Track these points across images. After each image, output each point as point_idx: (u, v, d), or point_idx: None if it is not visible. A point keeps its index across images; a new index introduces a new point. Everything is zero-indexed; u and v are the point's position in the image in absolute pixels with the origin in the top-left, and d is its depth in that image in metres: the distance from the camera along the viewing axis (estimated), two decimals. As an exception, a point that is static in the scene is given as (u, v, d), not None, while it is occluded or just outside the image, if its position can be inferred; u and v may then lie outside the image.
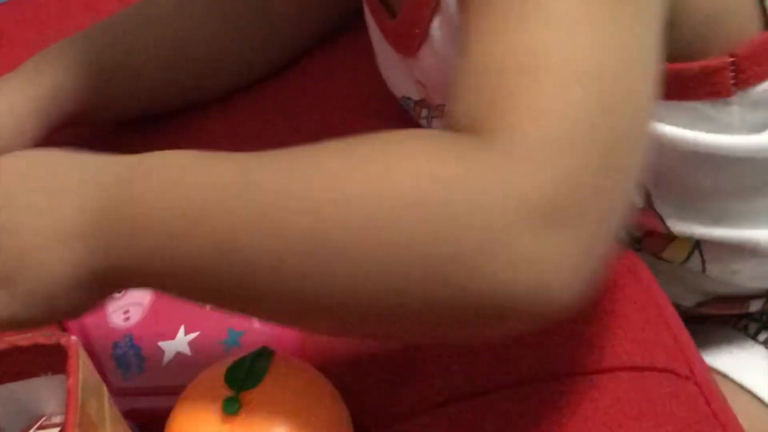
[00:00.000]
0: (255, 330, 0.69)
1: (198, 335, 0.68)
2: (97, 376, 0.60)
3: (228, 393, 0.60)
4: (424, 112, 0.81)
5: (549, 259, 0.49)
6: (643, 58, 0.55)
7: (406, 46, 0.75)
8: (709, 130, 0.69)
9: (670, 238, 0.76)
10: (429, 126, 0.81)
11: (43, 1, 1.12)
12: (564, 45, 0.53)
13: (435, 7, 0.70)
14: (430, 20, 0.71)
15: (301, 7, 0.90)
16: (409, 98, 0.82)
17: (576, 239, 0.49)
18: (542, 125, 0.50)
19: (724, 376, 0.82)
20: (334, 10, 0.90)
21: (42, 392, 0.59)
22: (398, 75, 0.81)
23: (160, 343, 0.69)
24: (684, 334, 0.66)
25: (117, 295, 0.71)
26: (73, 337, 0.58)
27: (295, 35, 0.91)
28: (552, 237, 0.49)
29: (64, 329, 0.71)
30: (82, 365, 0.57)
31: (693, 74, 0.67)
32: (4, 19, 1.10)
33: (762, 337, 0.85)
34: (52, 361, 0.58)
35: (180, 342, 0.68)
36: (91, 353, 0.69)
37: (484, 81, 0.53)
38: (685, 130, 0.68)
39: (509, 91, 0.52)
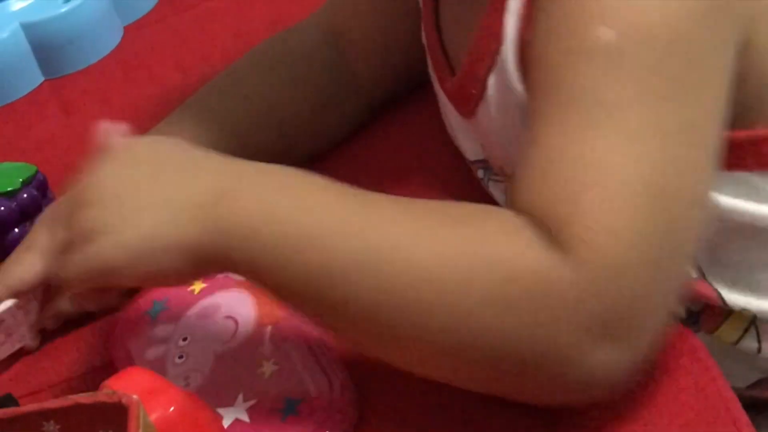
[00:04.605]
0: (311, 399, 0.69)
1: (256, 402, 0.69)
2: (156, 436, 0.61)
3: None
4: (481, 173, 0.81)
5: (605, 366, 0.58)
6: (708, 155, 0.60)
7: (464, 104, 0.75)
8: (759, 201, 0.69)
9: (727, 312, 0.76)
10: (487, 188, 0.81)
11: (107, 73, 1.14)
12: (635, 158, 0.57)
13: (491, 65, 0.69)
14: (486, 79, 0.70)
15: (382, 66, 0.90)
16: (473, 160, 0.81)
17: (631, 347, 0.58)
18: (615, 247, 0.56)
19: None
20: (414, 68, 0.87)
21: (103, 450, 0.60)
22: (460, 133, 0.81)
23: (219, 409, 0.69)
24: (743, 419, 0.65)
25: (178, 361, 0.73)
26: (135, 396, 0.59)
27: (375, 95, 0.92)
28: (614, 348, 0.57)
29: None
30: (143, 425, 0.58)
31: (740, 143, 0.67)
32: (71, 90, 1.12)
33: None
34: (114, 419, 0.59)
35: (238, 408, 0.69)
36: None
37: (555, 179, 0.58)
38: (735, 200, 0.69)
39: (582, 205, 0.57)
